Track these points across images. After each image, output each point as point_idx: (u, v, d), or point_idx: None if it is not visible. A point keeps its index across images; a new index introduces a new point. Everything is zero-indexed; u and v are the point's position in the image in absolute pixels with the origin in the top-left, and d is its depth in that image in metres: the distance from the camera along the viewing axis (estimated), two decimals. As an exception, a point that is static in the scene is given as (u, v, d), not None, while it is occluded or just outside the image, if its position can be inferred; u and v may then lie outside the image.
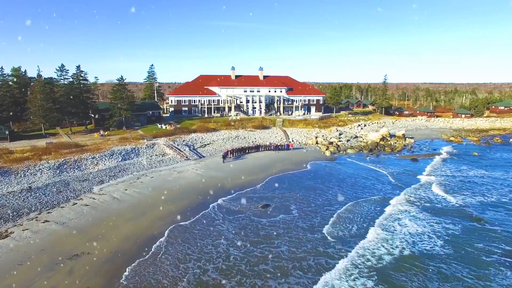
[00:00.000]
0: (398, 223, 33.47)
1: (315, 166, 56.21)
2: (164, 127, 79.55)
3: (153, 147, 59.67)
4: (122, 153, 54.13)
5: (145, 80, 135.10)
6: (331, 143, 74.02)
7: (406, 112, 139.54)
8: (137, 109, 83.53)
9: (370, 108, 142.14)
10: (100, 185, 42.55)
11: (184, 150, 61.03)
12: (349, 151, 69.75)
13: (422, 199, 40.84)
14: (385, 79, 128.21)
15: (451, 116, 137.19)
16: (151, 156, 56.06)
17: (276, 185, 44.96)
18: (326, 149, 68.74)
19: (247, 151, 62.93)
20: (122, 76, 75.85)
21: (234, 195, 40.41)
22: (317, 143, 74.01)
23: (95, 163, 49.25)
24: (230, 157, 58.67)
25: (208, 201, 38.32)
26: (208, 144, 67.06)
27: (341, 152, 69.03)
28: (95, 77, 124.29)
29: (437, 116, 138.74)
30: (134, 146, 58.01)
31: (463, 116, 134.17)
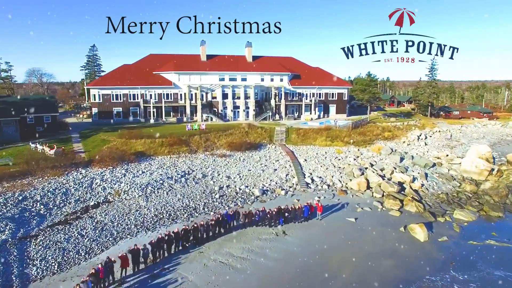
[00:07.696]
0: None
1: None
2: (39, 148, 37.39)
3: None
4: None
5: (82, 69, 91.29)
6: (403, 187, 32.39)
7: (456, 113, 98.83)
8: (-7, 112, 41.27)
9: (408, 107, 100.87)
10: None
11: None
12: (458, 215, 28.04)
13: None
14: (433, 66, 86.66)
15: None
16: None
17: None
18: (399, 210, 27.23)
19: (190, 239, 20.69)
20: None
21: None
22: (369, 187, 32.36)
23: None
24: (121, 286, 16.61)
25: None
26: (96, 206, 24.75)
27: (438, 217, 27.50)
28: (6, 63, 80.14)
29: (497, 118, 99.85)
30: None
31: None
